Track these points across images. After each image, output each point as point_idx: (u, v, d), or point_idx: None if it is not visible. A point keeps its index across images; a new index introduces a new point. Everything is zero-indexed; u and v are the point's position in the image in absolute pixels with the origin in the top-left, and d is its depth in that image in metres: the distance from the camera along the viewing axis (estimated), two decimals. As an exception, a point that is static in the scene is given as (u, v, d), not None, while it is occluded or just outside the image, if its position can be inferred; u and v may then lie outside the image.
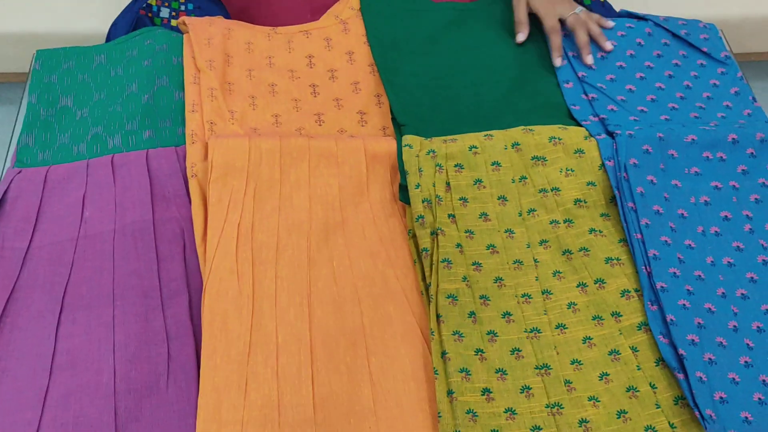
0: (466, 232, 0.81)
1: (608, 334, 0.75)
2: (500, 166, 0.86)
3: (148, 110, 0.96)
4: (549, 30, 1.00)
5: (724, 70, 0.99)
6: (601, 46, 0.99)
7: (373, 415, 0.71)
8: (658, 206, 0.82)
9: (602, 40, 0.99)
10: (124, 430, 0.70)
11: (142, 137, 0.93)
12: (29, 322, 0.78)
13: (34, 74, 0.99)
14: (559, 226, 0.83)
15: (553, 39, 0.99)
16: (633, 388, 0.71)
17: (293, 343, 0.75)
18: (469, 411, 0.70)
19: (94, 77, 1.01)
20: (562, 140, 0.88)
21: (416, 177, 0.83)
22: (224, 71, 0.97)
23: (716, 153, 0.87)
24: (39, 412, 0.71)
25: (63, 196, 0.88)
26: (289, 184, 0.86)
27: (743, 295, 0.77)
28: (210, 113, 0.92)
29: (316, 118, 0.95)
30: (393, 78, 0.97)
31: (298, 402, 0.71)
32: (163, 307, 0.78)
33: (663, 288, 0.75)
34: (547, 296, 0.78)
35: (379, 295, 0.79)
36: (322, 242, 0.82)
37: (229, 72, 0.98)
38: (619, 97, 0.94)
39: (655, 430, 0.68)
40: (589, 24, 1.00)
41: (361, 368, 0.74)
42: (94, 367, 0.74)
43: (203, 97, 0.93)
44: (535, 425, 0.69)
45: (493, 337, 0.75)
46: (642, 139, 0.86)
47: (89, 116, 0.96)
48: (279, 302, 0.78)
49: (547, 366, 0.73)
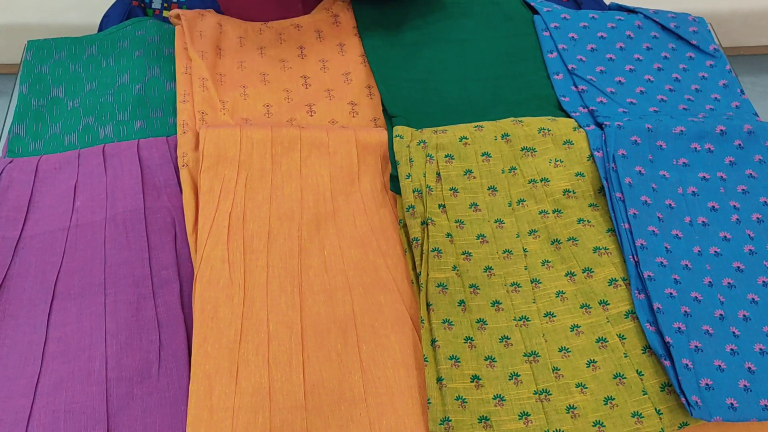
0: (456, 222, 0.82)
1: (596, 322, 0.76)
2: (490, 156, 0.87)
3: (139, 101, 0.96)
4: None
5: (713, 63, 1.00)
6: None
7: (364, 401, 0.72)
8: (646, 197, 0.83)
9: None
10: (116, 416, 0.71)
11: (133, 128, 0.94)
12: (21, 311, 0.78)
13: (25, 64, 0.99)
14: (548, 216, 0.83)
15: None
16: (620, 375, 0.72)
17: (284, 330, 0.75)
18: (459, 397, 0.70)
19: (86, 68, 1.01)
20: (551, 131, 0.88)
21: (407, 167, 0.84)
22: (215, 62, 0.97)
23: (704, 144, 0.88)
24: (31, 399, 0.71)
25: (54, 186, 0.88)
26: (281, 174, 0.86)
27: (730, 284, 0.78)
28: (201, 103, 0.92)
29: (307, 108, 0.96)
30: (383, 70, 0.97)
31: (289, 389, 0.72)
32: (155, 295, 0.79)
33: (650, 277, 0.76)
34: (536, 285, 0.79)
35: (369, 284, 0.79)
36: (313, 231, 0.83)
37: (221, 63, 0.98)
38: (609, 89, 0.95)
39: (642, 416, 0.69)
40: None
41: (351, 356, 0.74)
42: (85, 354, 0.75)
43: (194, 87, 0.93)
44: (523, 411, 0.70)
45: (483, 325, 0.75)
46: (631, 130, 0.87)
47: (80, 107, 0.96)
48: (270, 291, 0.78)
49: (535, 353, 0.74)
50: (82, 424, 0.70)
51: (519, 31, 1.03)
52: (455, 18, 1.04)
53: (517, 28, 1.04)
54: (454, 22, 1.04)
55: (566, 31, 1.02)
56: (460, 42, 1.02)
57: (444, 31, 1.03)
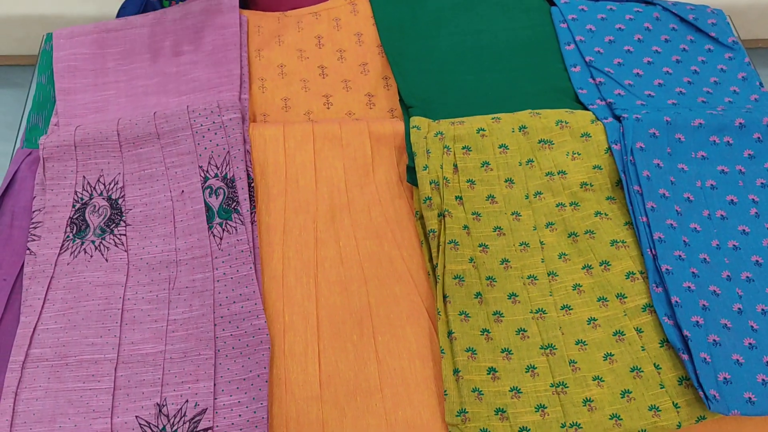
0: (473, 214, 0.82)
1: (613, 315, 0.75)
2: (507, 148, 0.86)
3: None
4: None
5: (732, 56, 0.99)
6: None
7: (379, 392, 0.72)
8: (664, 190, 0.82)
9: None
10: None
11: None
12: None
13: (43, 54, 1.00)
14: (565, 208, 0.83)
15: None
16: (637, 369, 0.72)
17: (300, 321, 0.76)
18: (475, 389, 0.70)
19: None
20: (569, 124, 0.88)
21: (424, 158, 0.84)
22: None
23: (723, 137, 0.88)
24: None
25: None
26: (295, 167, 0.86)
27: (748, 278, 0.78)
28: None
29: (324, 99, 0.95)
30: (400, 60, 0.97)
31: (305, 379, 0.72)
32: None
33: (668, 270, 0.76)
34: (553, 278, 0.78)
35: (385, 275, 0.79)
36: (328, 223, 0.83)
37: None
38: (627, 82, 0.94)
39: (659, 409, 0.69)
40: None
41: (367, 346, 0.74)
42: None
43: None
44: (540, 404, 0.70)
45: (499, 318, 0.75)
46: (649, 122, 0.86)
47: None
48: (286, 282, 0.78)
49: (552, 346, 0.73)
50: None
51: (536, 22, 1.03)
52: (472, 9, 1.04)
53: (534, 19, 1.03)
54: (471, 13, 1.03)
55: (584, 23, 1.02)
56: (477, 33, 1.01)
57: (461, 22, 1.02)
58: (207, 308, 0.74)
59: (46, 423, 0.68)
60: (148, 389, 0.70)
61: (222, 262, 0.77)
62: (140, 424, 0.68)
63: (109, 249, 0.79)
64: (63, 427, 0.68)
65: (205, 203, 0.81)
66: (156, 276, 0.77)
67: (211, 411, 0.68)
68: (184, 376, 0.70)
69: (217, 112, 0.84)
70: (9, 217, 0.84)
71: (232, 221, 0.79)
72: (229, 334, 0.73)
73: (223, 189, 0.82)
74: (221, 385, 0.70)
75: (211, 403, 0.68)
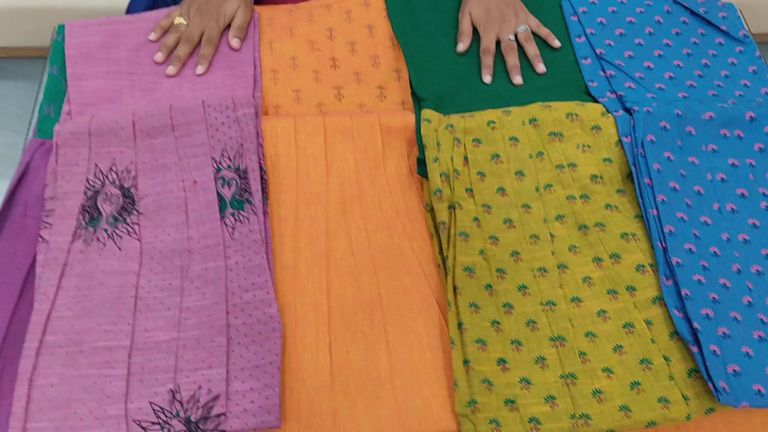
0: (483, 207, 0.82)
1: (623, 307, 0.76)
2: (518, 141, 0.87)
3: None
4: (482, 51, 0.97)
5: (742, 49, 0.99)
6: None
7: (390, 382, 0.72)
8: (675, 183, 0.82)
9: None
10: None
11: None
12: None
13: (55, 46, 1.00)
14: (576, 201, 0.83)
15: (484, 59, 0.96)
16: (647, 360, 0.72)
17: (311, 312, 0.76)
18: (485, 380, 0.71)
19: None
20: (579, 116, 0.88)
21: (434, 151, 0.84)
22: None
23: (734, 131, 0.88)
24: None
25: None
26: (306, 159, 0.87)
27: (758, 272, 0.78)
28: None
29: (335, 91, 0.96)
30: (414, 52, 0.97)
31: (316, 369, 0.73)
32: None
33: (678, 263, 0.76)
34: (563, 270, 0.79)
35: (395, 266, 0.80)
36: (339, 215, 0.83)
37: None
38: (637, 75, 0.94)
39: (669, 401, 0.69)
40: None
41: (378, 337, 0.75)
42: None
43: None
44: (549, 395, 0.70)
45: (509, 310, 0.76)
46: (659, 115, 0.86)
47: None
48: (297, 273, 0.79)
49: (561, 338, 0.74)
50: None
51: (547, 15, 1.03)
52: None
53: (544, 12, 1.03)
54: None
55: (594, 16, 1.02)
56: (489, 26, 1.01)
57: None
58: (219, 296, 0.75)
59: (61, 409, 0.69)
60: (162, 375, 0.71)
61: (234, 252, 0.77)
62: (154, 409, 0.69)
63: (122, 238, 0.80)
64: (78, 412, 0.69)
65: (217, 194, 0.81)
66: (169, 264, 0.78)
67: (224, 397, 0.69)
68: (197, 363, 0.71)
69: (231, 107, 0.85)
70: (22, 207, 0.85)
71: (245, 211, 0.80)
72: (241, 322, 0.73)
73: (235, 180, 0.82)
74: (234, 372, 0.70)
75: (224, 390, 0.69)
